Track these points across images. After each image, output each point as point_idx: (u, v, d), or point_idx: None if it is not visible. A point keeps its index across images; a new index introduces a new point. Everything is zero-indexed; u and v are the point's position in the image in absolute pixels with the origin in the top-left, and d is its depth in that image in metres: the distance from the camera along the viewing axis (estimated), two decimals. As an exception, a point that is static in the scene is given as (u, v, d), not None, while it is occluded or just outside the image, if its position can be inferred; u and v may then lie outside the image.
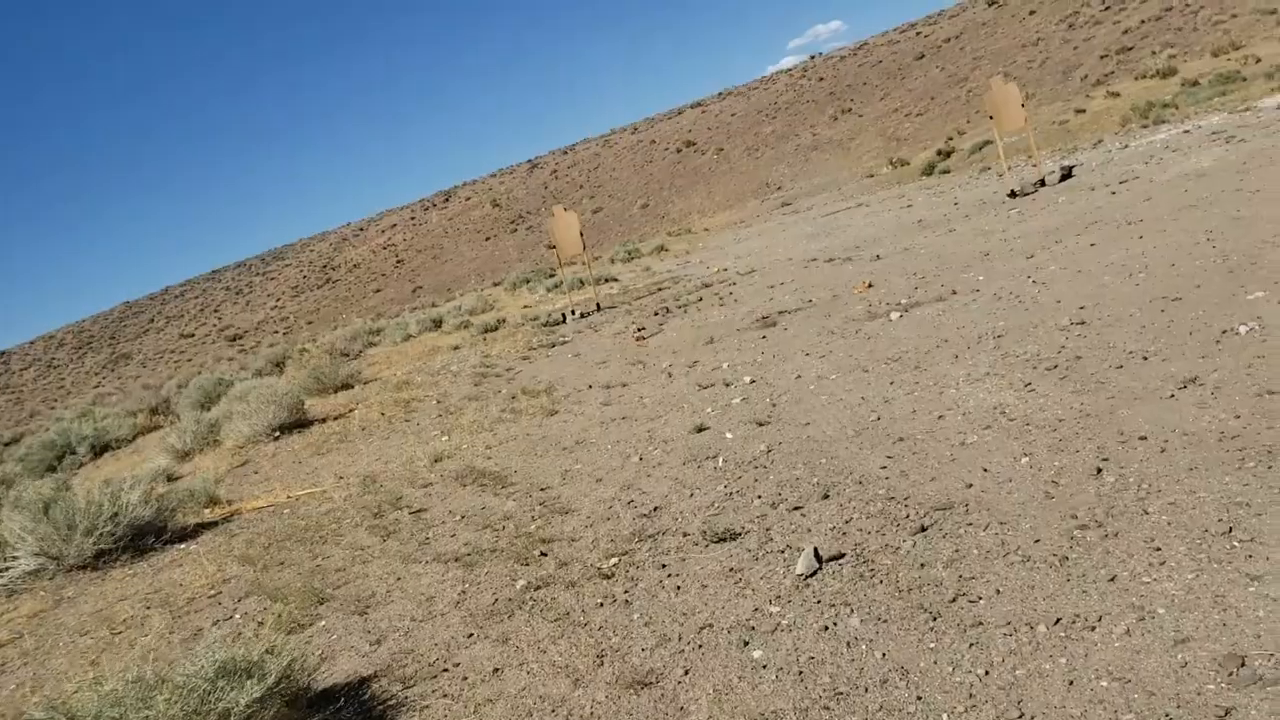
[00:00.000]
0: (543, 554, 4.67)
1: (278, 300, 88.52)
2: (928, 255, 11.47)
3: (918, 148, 47.16)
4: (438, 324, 21.85)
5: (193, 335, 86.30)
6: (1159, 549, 3.17)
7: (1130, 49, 48.65)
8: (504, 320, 17.70)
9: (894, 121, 58.38)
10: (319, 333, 55.37)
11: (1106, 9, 59.18)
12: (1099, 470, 3.94)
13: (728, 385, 7.40)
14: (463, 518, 5.74)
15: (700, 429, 6.32)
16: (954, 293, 8.57)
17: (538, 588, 4.26)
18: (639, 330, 11.96)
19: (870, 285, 10.23)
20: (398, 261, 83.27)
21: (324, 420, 11.47)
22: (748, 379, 7.40)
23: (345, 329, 33.35)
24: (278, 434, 11.15)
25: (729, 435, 5.99)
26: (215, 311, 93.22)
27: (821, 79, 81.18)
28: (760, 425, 6.05)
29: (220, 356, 63.27)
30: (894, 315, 8.18)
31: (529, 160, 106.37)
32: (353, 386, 14.05)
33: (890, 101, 64.32)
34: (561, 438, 7.15)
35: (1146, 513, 3.45)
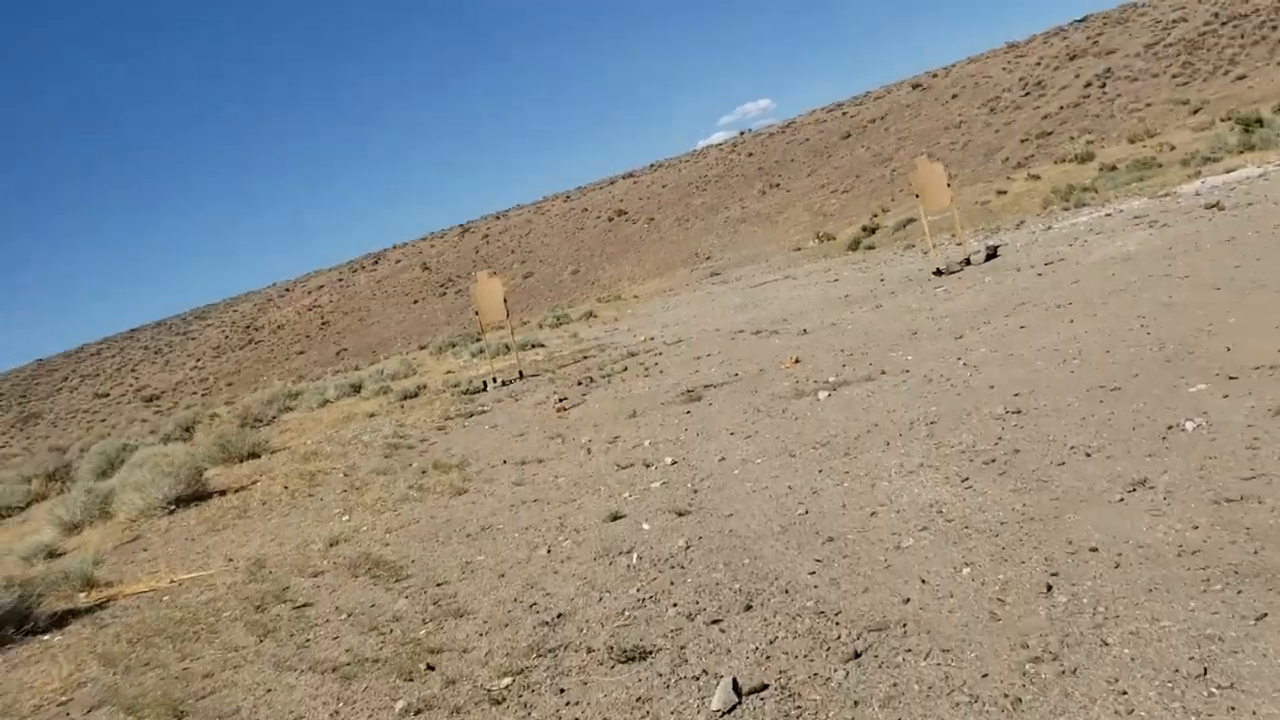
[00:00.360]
0: (429, 667, 4.10)
1: (198, 360, 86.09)
2: (855, 331, 11.25)
3: (844, 223, 47.91)
4: (357, 389, 21.10)
5: (108, 395, 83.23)
6: (1124, 693, 2.71)
7: (1050, 133, 50.43)
8: (424, 386, 17.09)
9: (820, 197, 59.49)
10: (238, 394, 53.69)
11: (1026, 94, 61.54)
12: (1049, 587, 3.52)
13: (648, 466, 6.94)
14: (349, 616, 5.15)
15: (615, 517, 5.83)
16: (883, 372, 8.28)
17: (418, 711, 3.70)
18: (560, 401, 11.49)
19: (797, 361, 9.94)
20: (323, 323, 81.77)
21: (224, 493, 10.73)
22: (669, 459, 6.95)
23: (262, 392, 32.24)
24: (173, 507, 10.38)
25: (645, 526, 5.52)
26: (133, 371, 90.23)
27: (751, 154, 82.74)
28: (680, 515, 5.60)
29: (134, 418, 61.12)
30: (822, 394, 7.82)
31: (461, 224, 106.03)
32: (260, 455, 13.30)
33: (817, 178, 65.65)
34: (467, 522, 6.59)
35: (1106, 643, 3.00)
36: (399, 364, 25.76)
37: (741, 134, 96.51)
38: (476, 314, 14.88)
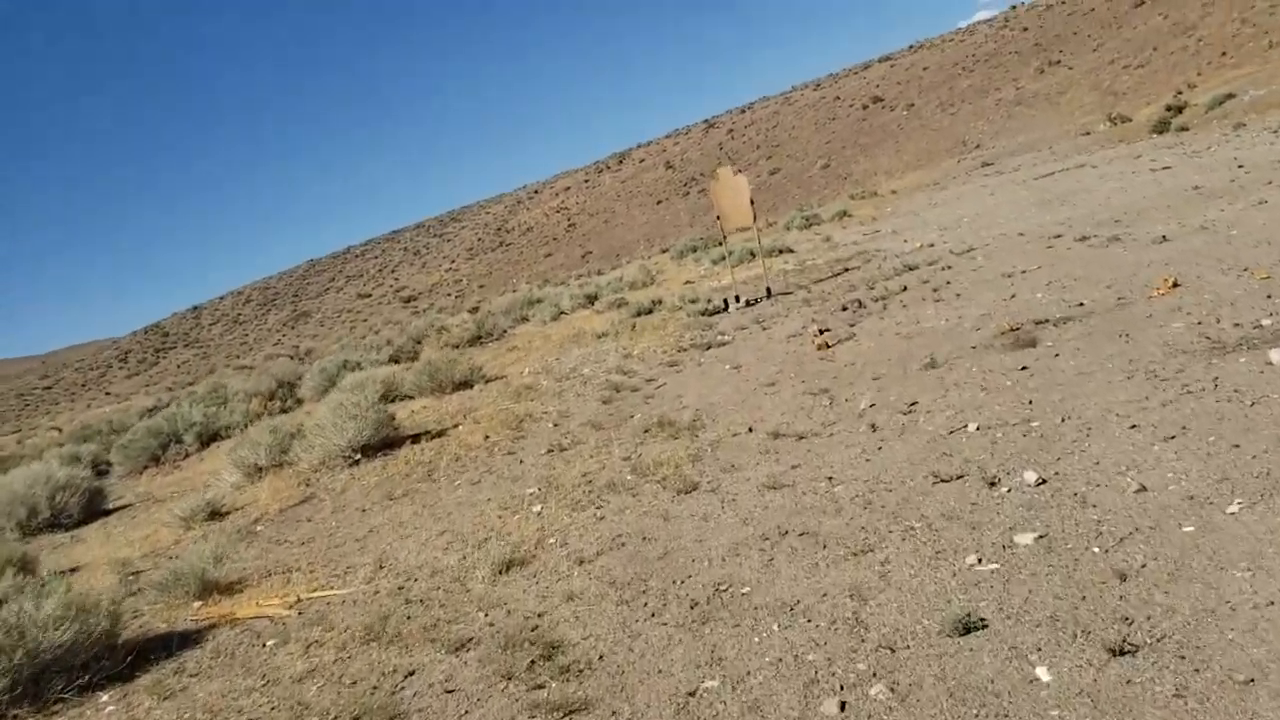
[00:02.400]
0: None
1: (453, 262, 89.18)
2: (1249, 238, 7.87)
3: (1139, 103, 41.38)
4: (592, 300, 19.42)
5: (370, 295, 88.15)
6: None
7: None
8: (660, 301, 14.94)
9: (1110, 74, 51.87)
10: (488, 296, 54.50)
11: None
12: None
13: (992, 485, 4.18)
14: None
15: (967, 627, 3.07)
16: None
17: None
18: (821, 333, 8.90)
19: (1176, 285, 6.79)
20: (569, 225, 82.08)
21: (418, 439, 9.04)
22: (1031, 476, 4.12)
23: (502, 299, 31.59)
24: (358, 457, 8.82)
25: (1040, 670, 2.77)
26: (393, 272, 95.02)
27: (1025, 29, 74.05)
28: (1115, 653, 2.76)
29: (390, 319, 63.59)
30: (1274, 353, 4.80)
31: (705, 120, 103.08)
32: (472, 385, 11.66)
33: (1104, 53, 57.39)
34: (694, 565, 4.16)
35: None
36: (638, 271, 24.00)
37: (1014, 7, 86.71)
38: (718, 217, 12.39)
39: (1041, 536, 3.49)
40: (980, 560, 3.45)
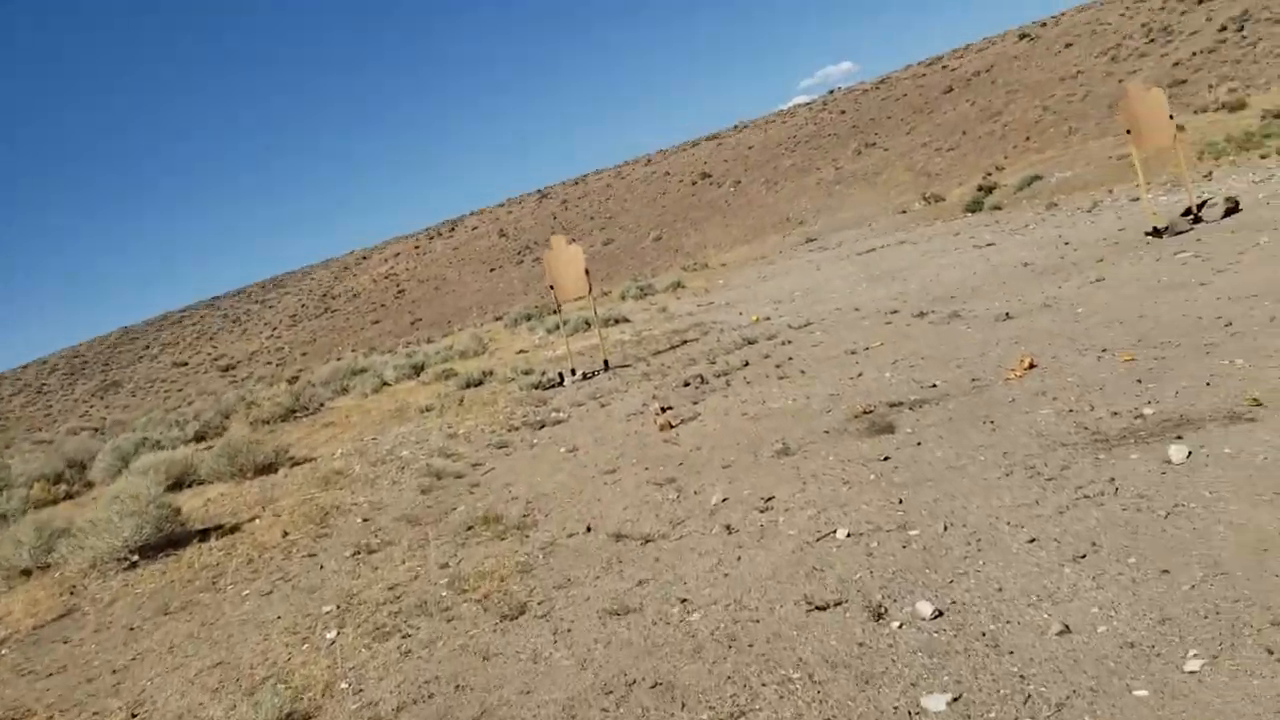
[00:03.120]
0: None
1: (274, 329, 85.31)
2: (1094, 316, 7.80)
3: (952, 183, 43.87)
4: (418, 370, 18.40)
5: (186, 364, 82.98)
6: None
7: (1184, 81, 45.17)
8: (491, 373, 14.12)
9: (923, 156, 54.92)
10: (311, 365, 51.91)
11: (1151, 41, 55.91)
12: None
13: (879, 618, 3.46)
14: None
15: None
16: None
17: None
18: (664, 411, 8.30)
19: (1032, 365, 6.54)
20: (399, 292, 79.99)
21: (207, 536, 7.86)
22: (925, 607, 3.42)
23: (324, 368, 29.89)
24: (135, 559, 7.56)
25: None
26: (211, 340, 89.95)
27: (843, 112, 77.95)
28: None
29: (205, 390, 59.73)
30: (1173, 449, 4.30)
31: (538, 190, 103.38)
32: (277, 469, 10.49)
33: (917, 136, 60.88)
34: None
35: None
36: (469, 339, 23.16)
37: (831, 92, 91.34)
38: (551, 287, 11.73)
39: (956, 700, 2.80)
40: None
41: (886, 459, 5.31)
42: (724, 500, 5.36)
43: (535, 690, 3.51)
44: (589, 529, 5.55)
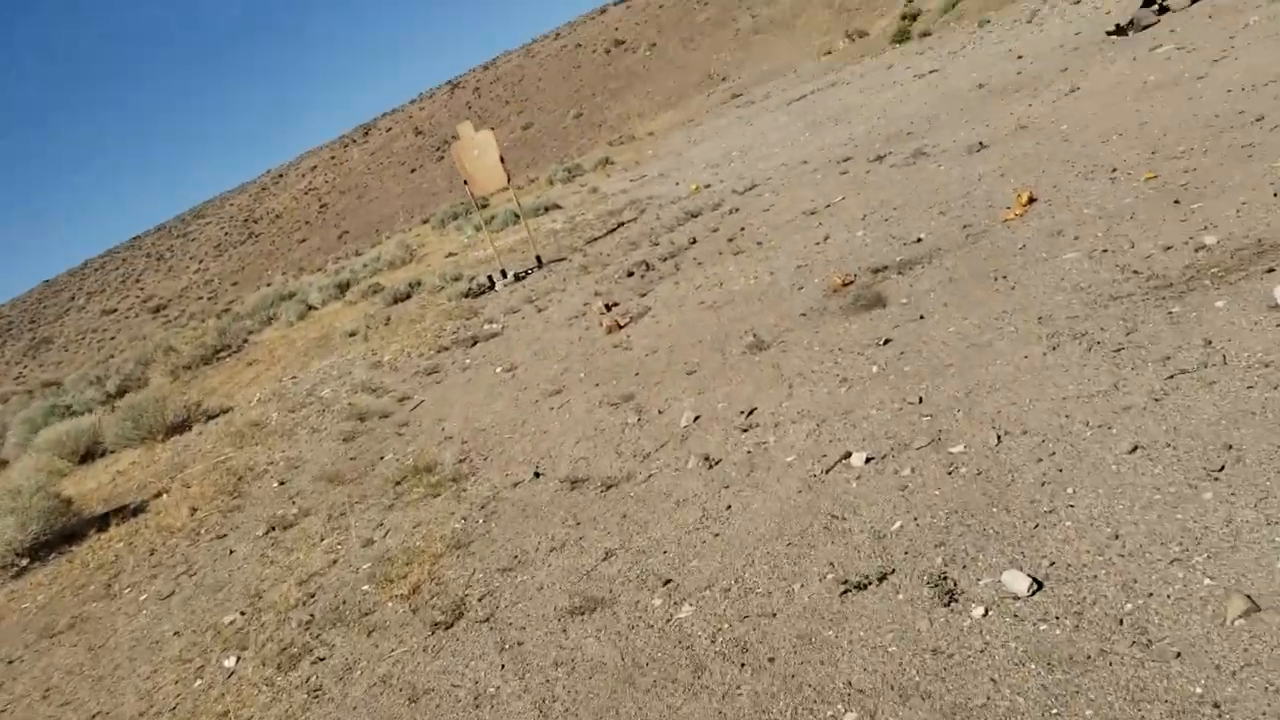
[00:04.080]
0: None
1: (200, 262, 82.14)
2: (1085, 132, 6.78)
3: (873, 17, 42.27)
4: (344, 289, 17.19)
5: (115, 310, 79.84)
6: None
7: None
8: (419, 283, 12.93)
9: (841, -9, 52.65)
10: (243, 294, 49.74)
11: None
12: None
13: (950, 600, 2.41)
14: None
15: None
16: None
17: None
18: (608, 309, 7.24)
19: (1032, 200, 5.53)
20: (321, 206, 76.99)
21: (107, 523, 6.78)
22: (1019, 582, 2.32)
23: (254, 296, 28.34)
24: (24, 562, 6.51)
25: None
26: (137, 281, 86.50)
27: (752, -45, 74.53)
28: None
29: (135, 335, 57.30)
30: (1277, 290, 3.21)
31: (449, 81, 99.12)
32: (190, 426, 9.38)
33: (832, -30, 58.30)
34: None
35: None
36: (396, 248, 21.84)
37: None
38: (466, 183, 10.44)
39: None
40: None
41: (887, 342, 4.31)
42: (695, 419, 4.36)
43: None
44: (537, 474, 4.54)
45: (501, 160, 10.27)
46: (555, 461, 4.61)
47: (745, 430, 4.01)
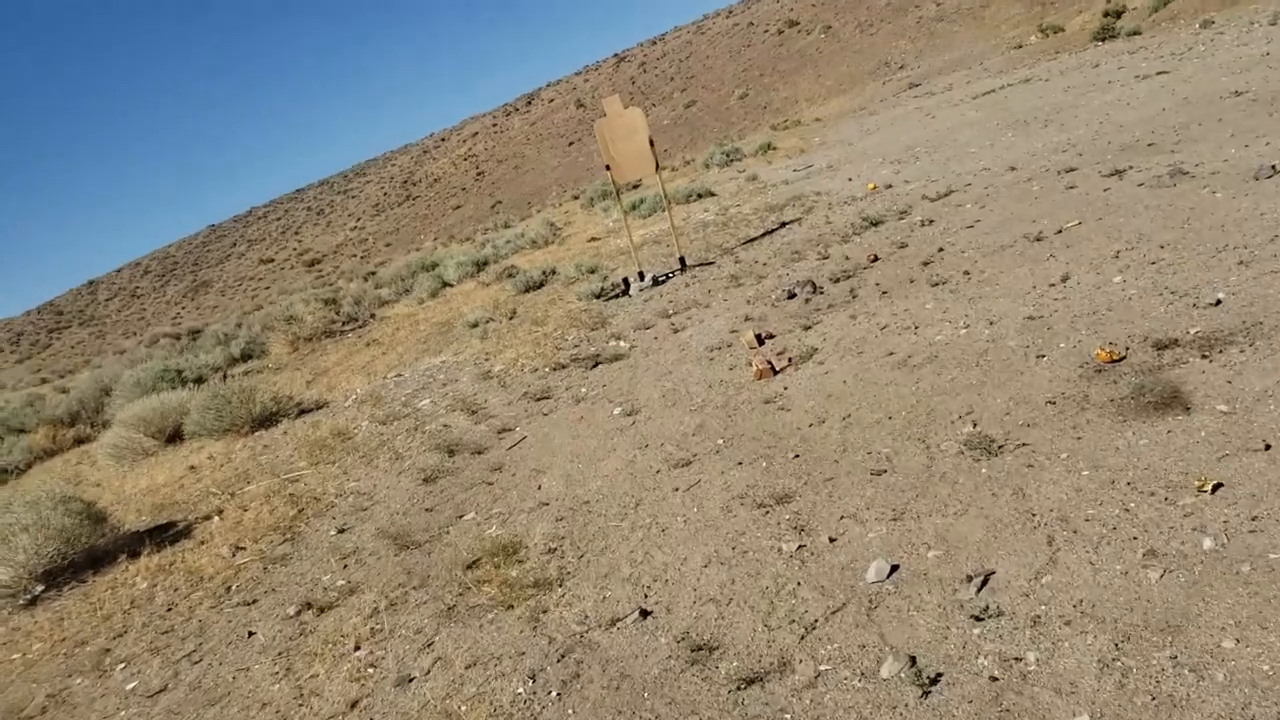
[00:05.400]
0: None
1: (358, 220, 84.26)
2: None
3: (1070, 12, 38.83)
4: (481, 267, 16.25)
5: (272, 260, 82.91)
6: None
7: None
8: (554, 272, 11.75)
9: (1037, -20, 48.91)
10: (394, 255, 50.26)
11: None
12: None
13: None
14: None
15: None
16: None
17: None
18: (760, 340, 5.75)
19: None
20: (478, 174, 77.61)
21: (141, 546, 5.73)
22: None
23: (400, 261, 28.07)
24: (39, 590, 5.53)
25: None
26: (296, 234, 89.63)
27: (942, -62, 70.62)
28: None
29: (285, 290, 58.86)
30: None
31: (615, 54, 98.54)
32: (279, 421, 8.41)
33: (1028, -41, 54.37)
34: None
35: None
36: (541, 225, 20.80)
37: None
38: (608, 167, 9.08)
39: None
40: None
41: (1216, 488, 2.66)
42: (891, 573, 2.83)
43: None
44: (644, 612, 3.11)
45: (651, 144, 8.85)
46: (673, 593, 3.17)
47: (979, 619, 2.46)
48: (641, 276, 9.02)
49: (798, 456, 3.94)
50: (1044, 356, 4.03)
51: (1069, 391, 3.62)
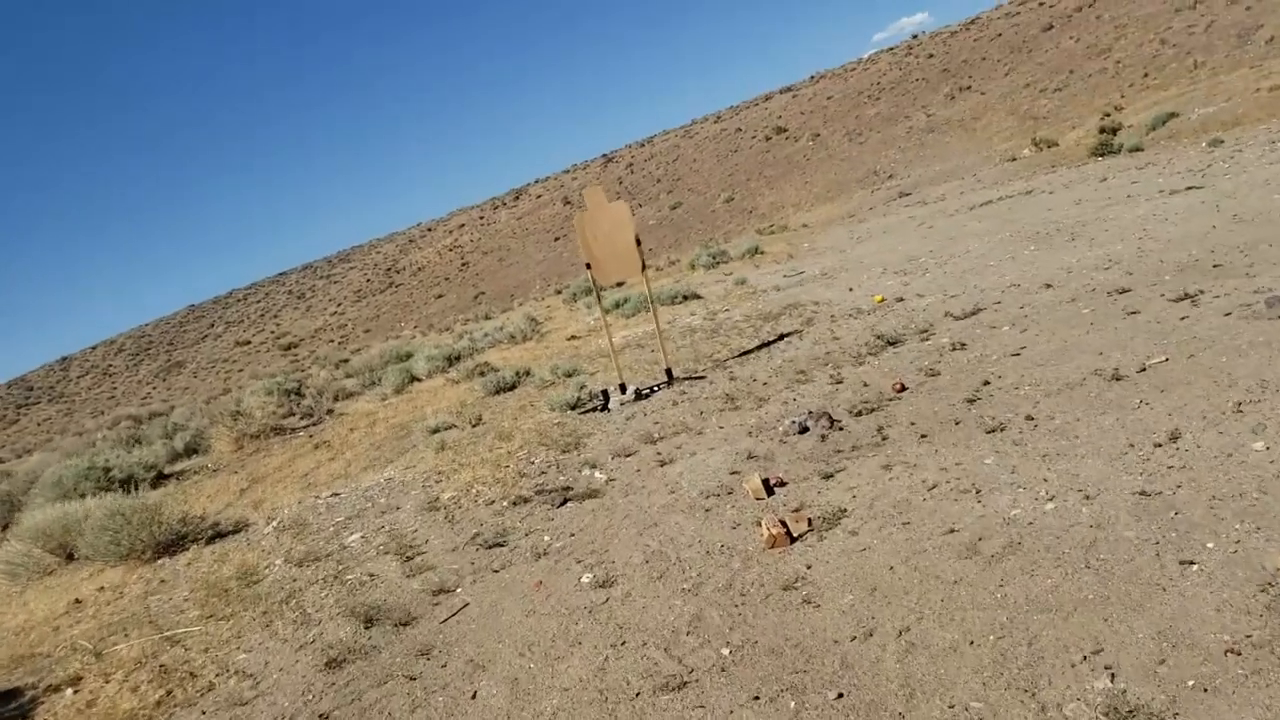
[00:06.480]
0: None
1: (339, 305, 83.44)
2: None
3: (1063, 126, 38.92)
4: (453, 361, 15.11)
5: (249, 342, 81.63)
6: None
7: (1335, -3, 39.37)
8: (528, 373, 10.61)
9: (1026, 98, 49.42)
10: (372, 342, 49.08)
11: (1285, -42, 49.43)
12: None
13: None
14: None
15: None
16: None
17: None
18: (769, 489, 4.55)
19: None
20: (462, 264, 77.19)
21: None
22: None
23: (375, 350, 26.91)
24: None
25: None
26: (275, 317, 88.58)
27: (931, 55, 72.06)
28: None
29: (258, 374, 57.41)
30: None
31: (604, 154, 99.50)
32: (186, 548, 7.10)
33: (1017, 77, 55.14)
34: None
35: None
36: (521, 319, 19.73)
37: (916, 36, 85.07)
38: (588, 266, 8.00)
39: None
40: None
41: None
42: None
43: None
44: None
45: (638, 242, 7.79)
46: None
47: None
48: (623, 389, 7.85)
49: (841, 696, 2.70)
50: (1193, 564, 2.84)
51: (1256, 632, 2.42)
